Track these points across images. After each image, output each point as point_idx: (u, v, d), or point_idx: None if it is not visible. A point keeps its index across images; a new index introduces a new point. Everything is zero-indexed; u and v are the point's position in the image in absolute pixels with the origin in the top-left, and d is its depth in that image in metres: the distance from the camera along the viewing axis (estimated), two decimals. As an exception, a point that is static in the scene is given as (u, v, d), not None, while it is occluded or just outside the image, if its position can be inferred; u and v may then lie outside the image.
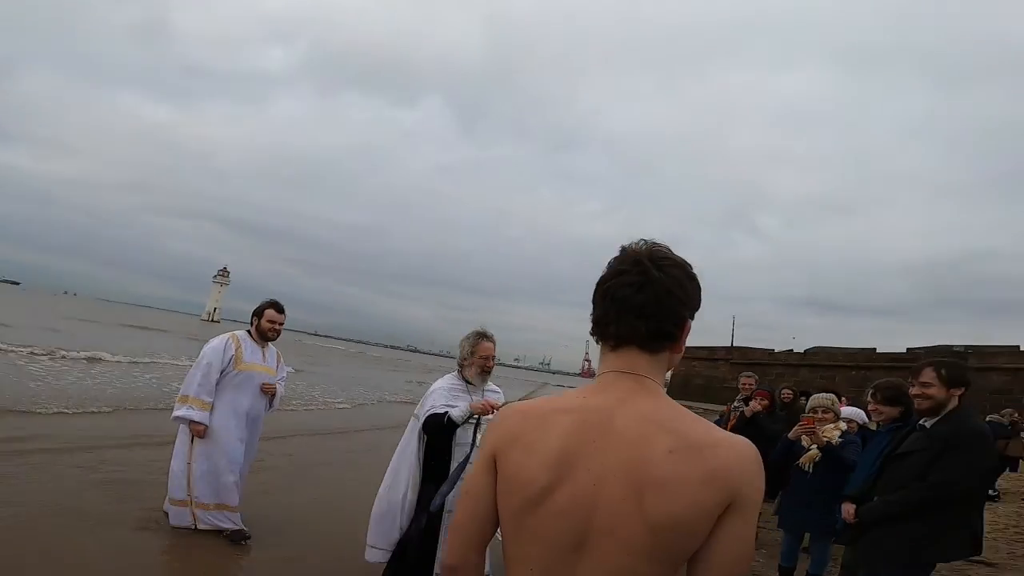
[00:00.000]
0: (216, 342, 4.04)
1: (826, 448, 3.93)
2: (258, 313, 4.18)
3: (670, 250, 1.02)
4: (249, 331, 4.19)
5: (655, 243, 1.02)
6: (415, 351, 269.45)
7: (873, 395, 3.60)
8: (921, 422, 2.88)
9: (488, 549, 1.04)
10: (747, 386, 5.81)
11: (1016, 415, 12.43)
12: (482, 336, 3.25)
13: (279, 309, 4.23)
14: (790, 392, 6.35)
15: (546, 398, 1.03)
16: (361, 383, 21.69)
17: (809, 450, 4.00)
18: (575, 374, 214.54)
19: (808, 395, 5.91)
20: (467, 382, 3.24)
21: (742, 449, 0.93)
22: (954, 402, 2.77)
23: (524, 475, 0.94)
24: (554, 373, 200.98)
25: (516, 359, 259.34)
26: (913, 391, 2.86)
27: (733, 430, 5.85)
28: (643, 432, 0.92)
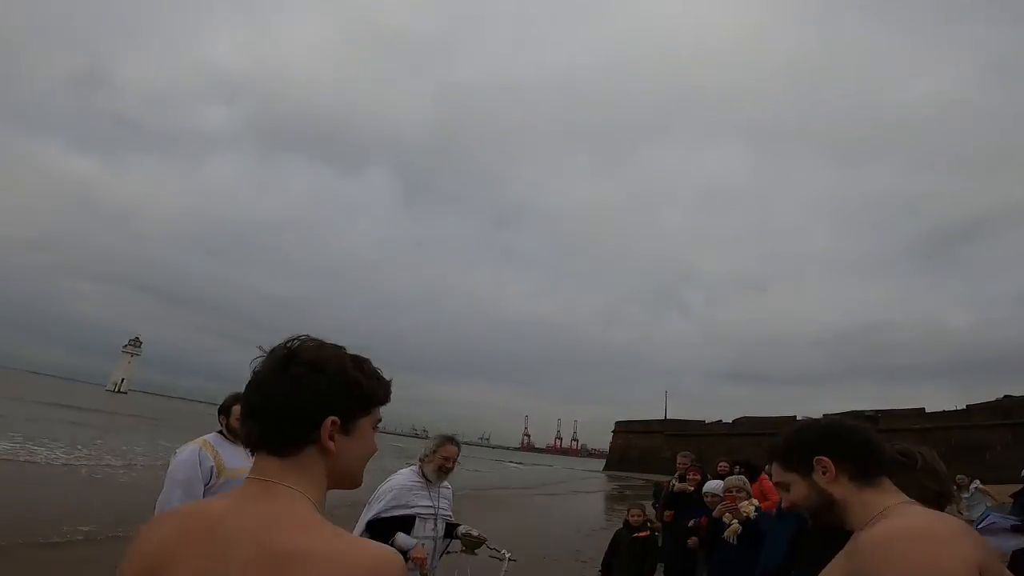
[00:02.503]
0: (187, 455, 3.35)
1: (745, 522, 4.17)
2: (224, 411, 3.61)
3: (323, 346, 0.97)
4: (221, 432, 3.59)
5: (308, 340, 0.97)
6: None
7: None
8: None
9: None
10: (683, 465, 6.05)
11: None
12: (448, 440, 3.58)
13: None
14: (726, 464, 6.41)
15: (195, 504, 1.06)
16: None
17: (730, 525, 4.24)
18: (515, 448, 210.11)
19: (746, 465, 6.07)
20: (425, 478, 3.52)
21: (346, 563, 0.83)
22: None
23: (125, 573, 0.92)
24: (494, 448, 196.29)
25: (454, 435, 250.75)
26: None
27: (663, 505, 5.83)
28: (234, 541, 0.86)
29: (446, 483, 3.64)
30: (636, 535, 5.26)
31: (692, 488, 5.62)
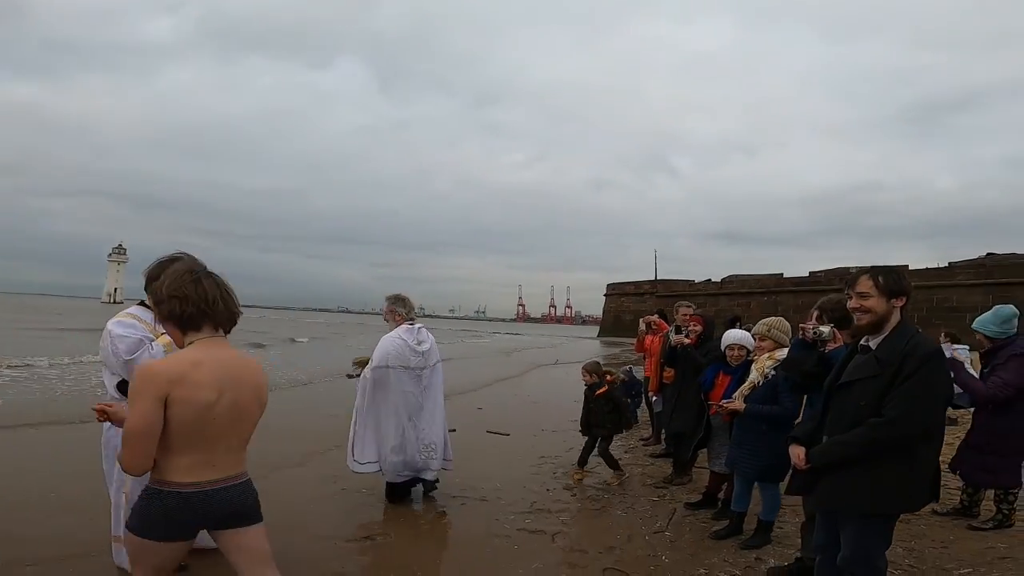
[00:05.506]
0: (121, 328, 2.96)
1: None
2: (157, 278, 2.79)
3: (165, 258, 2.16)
4: (144, 303, 3.06)
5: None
6: (347, 311, 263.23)
7: (819, 317, 3.24)
8: (863, 342, 2.47)
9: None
10: (685, 316, 5.56)
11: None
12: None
13: None
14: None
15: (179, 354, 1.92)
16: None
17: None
18: (511, 319, 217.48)
19: (737, 323, 5.99)
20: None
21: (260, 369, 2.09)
22: (896, 316, 2.39)
23: (199, 397, 1.81)
24: (490, 320, 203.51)
25: (451, 310, 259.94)
26: (851, 304, 2.46)
27: (663, 360, 5.68)
28: (237, 373, 1.93)
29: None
30: (597, 393, 5.30)
31: (692, 340, 5.03)
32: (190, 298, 1.85)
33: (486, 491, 4.89)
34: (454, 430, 5.10)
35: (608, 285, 64.21)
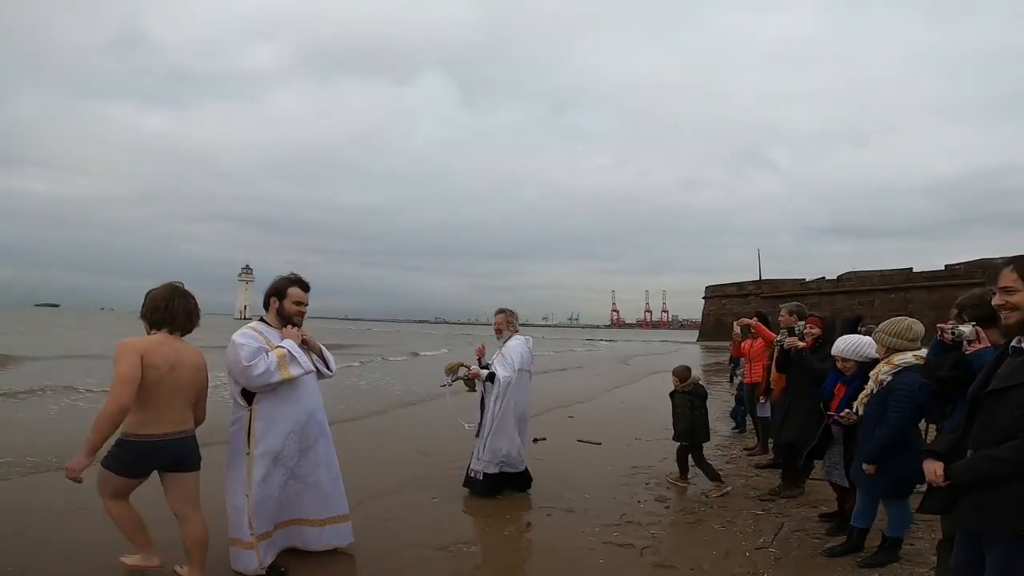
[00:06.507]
0: (243, 339, 3.16)
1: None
2: (278, 293, 3.29)
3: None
4: (263, 319, 3.34)
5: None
6: (444, 322, 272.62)
7: (959, 316, 2.91)
8: (1016, 343, 2.15)
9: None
10: (787, 320, 5.10)
11: None
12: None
13: (305, 287, 3.35)
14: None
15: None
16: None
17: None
18: (605, 326, 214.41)
19: (859, 324, 5.41)
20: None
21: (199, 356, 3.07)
22: None
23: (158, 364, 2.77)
24: (583, 327, 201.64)
25: (544, 317, 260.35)
26: (995, 301, 2.16)
27: (776, 367, 5.19)
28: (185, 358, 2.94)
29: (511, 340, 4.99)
30: (677, 390, 5.30)
31: (807, 344, 4.58)
32: (159, 310, 2.94)
33: (573, 501, 4.74)
34: (544, 439, 5.06)
35: (707, 287, 61.62)
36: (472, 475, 4.86)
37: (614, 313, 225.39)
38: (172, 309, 2.93)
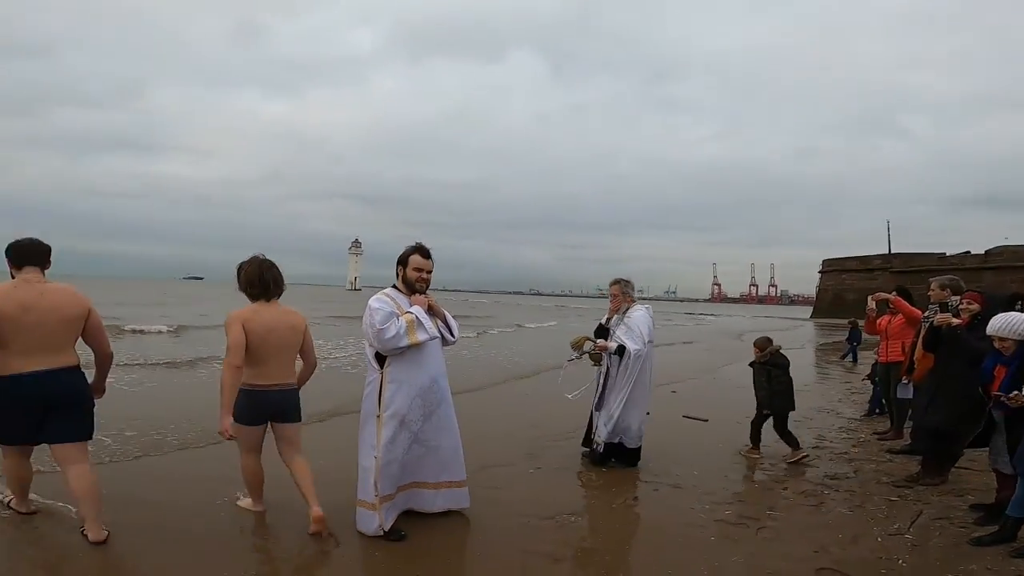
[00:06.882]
0: (377, 303, 3.37)
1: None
2: (402, 261, 3.48)
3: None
4: (395, 286, 3.52)
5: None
6: (538, 294, 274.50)
7: None
8: None
9: None
10: (940, 295, 4.47)
11: None
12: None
13: (425, 254, 3.46)
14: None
15: None
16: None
17: None
18: (705, 299, 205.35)
19: (1018, 301, 4.78)
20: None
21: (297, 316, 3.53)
22: None
23: (259, 329, 3.27)
24: (682, 301, 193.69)
25: (639, 290, 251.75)
26: None
27: (923, 345, 4.63)
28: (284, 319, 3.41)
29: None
30: (756, 361, 5.27)
31: (963, 321, 4.08)
32: (254, 284, 3.35)
33: (681, 478, 4.59)
34: (648, 413, 4.91)
35: (824, 261, 56.98)
36: (595, 446, 4.84)
37: (715, 287, 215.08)
38: (264, 281, 3.35)
